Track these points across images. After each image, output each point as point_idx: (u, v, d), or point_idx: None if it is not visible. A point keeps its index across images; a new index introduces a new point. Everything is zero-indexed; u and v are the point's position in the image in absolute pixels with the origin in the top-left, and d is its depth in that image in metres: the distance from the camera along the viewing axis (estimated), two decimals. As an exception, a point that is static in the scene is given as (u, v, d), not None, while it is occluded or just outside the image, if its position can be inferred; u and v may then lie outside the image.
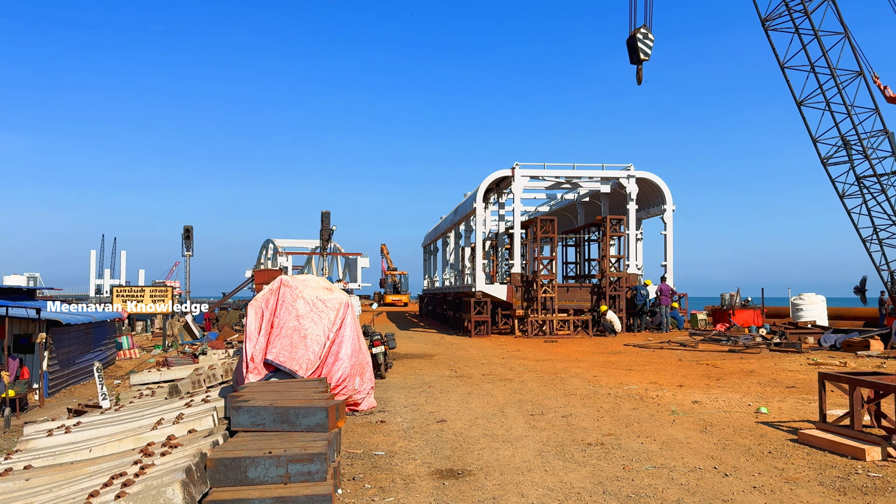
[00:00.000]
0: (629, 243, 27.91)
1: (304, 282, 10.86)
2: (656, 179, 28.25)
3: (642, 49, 22.07)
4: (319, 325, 10.58)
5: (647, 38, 22.19)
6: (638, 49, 21.98)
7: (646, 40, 22.17)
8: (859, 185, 34.84)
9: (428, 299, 45.18)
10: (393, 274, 67.66)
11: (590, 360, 17.60)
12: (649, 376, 14.28)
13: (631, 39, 22.56)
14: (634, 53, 22.22)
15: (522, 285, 27.40)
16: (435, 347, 22.45)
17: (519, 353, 20.24)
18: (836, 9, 27.81)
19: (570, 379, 14.10)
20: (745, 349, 18.79)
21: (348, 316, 10.69)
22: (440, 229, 42.11)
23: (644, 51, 22.04)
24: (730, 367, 15.31)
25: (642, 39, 22.09)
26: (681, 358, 17.39)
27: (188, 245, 42.36)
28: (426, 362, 17.92)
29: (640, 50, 22.01)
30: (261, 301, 10.67)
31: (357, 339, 10.89)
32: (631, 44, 22.66)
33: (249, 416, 7.05)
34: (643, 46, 22.05)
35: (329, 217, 37.53)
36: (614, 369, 15.61)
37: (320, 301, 10.66)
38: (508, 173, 27.65)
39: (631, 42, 22.65)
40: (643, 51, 22.06)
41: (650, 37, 22.24)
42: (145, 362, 27.34)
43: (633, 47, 22.29)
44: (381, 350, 14.89)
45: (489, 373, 15.48)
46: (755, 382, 13.02)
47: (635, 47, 22.20)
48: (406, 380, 14.62)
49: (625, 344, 21.89)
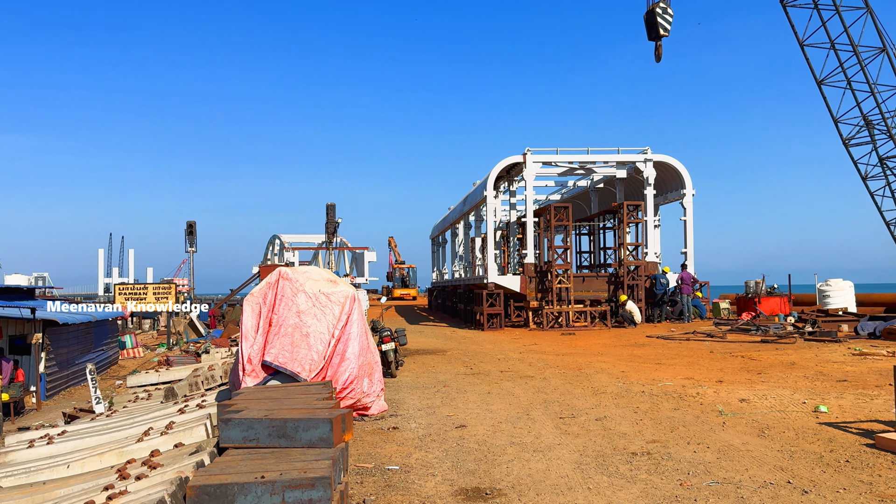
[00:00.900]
0: (647, 230, 26.74)
1: (306, 274, 9.80)
2: (675, 163, 27.04)
3: (661, 24, 20.86)
4: (323, 322, 9.52)
5: (666, 12, 20.98)
6: (657, 24, 20.79)
7: (665, 14, 20.96)
8: (882, 167, 33.46)
9: (437, 292, 44.13)
10: (401, 267, 66.67)
11: (613, 354, 16.50)
12: (682, 371, 13.17)
13: (649, 14, 21.36)
14: (653, 29, 21.03)
15: (536, 276, 26.30)
16: (447, 342, 21.40)
17: (536, 346, 19.16)
18: (858, -19, 26.57)
19: (595, 375, 13.01)
20: (777, 339, 17.65)
21: (355, 311, 9.63)
22: (449, 220, 41.01)
23: (664, 26, 20.84)
24: (768, 360, 14.18)
25: (661, 14, 20.88)
26: (712, 350, 16.27)
27: (191, 241, 41.37)
28: (439, 358, 16.87)
29: (659, 25, 20.81)
30: (257, 296, 9.62)
31: (365, 336, 9.84)
32: (649, 19, 21.46)
33: (241, 429, 6.00)
34: (662, 21, 20.84)
35: (334, 209, 36.50)
36: (642, 363, 14.51)
37: (323, 295, 9.60)
38: (520, 159, 26.50)
39: (649, 17, 21.45)
40: (662, 26, 20.86)
41: (670, 11, 21.03)
42: (149, 361, 26.51)
43: (652, 22, 21.10)
44: (392, 347, 13.83)
45: (507, 369, 14.41)
46: (801, 376, 11.90)
47: (654, 22, 21.01)
48: (419, 378, 13.57)
49: (647, 336, 20.77)
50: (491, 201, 27.32)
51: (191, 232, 41.68)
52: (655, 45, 21.69)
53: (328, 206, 36.40)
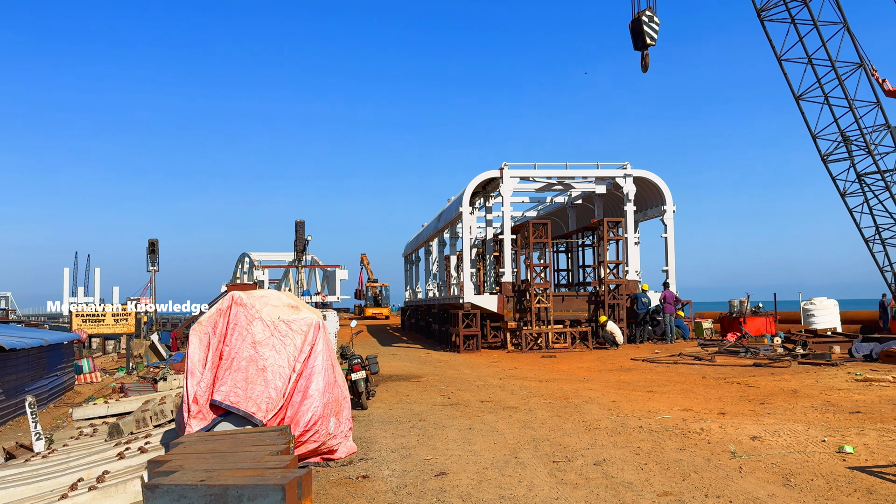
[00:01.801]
0: (627, 247, 25.92)
1: (263, 298, 8.60)
2: (655, 178, 26.32)
3: (648, 33, 20.10)
4: (283, 354, 8.33)
5: (652, 20, 20.23)
6: (643, 33, 20.02)
7: (651, 23, 20.21)
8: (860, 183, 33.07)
9: (410, 312, 42.90)
10: (373, 286, 65.30)
11: (600, 380, 15.47)
12: (678, 400, 12.16)
13: (635, 23, 20.60)
14: (639, 38, 20.25)
15: (514, 295, 25.28)
16: (422, 366, 20.22)
17: (517, 371, 18.07)
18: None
19: (585, 406, 11.94)
20: (771, 363, 16.78)
21: (319, 341, 8.45)
22: (422, 237, 39.91)
23: (650, 34, 20.08)
24: (767, 387, 13.25)
25: (647, 22, 20.13)
26: (704, 375, 15.32)
27: (153, 260, 39.73)
28: (414, 386, 15.69)
29: (645, 34, 20.04)
30: (206, 325, 8.40)
31: (332, 368, 8.65)
32: (635, 27, 20.69)
33: (171, 498, 4.82)
34: (649, 30, 20.09)
35: (304, 227, 35.24)
36: (633, 391, 13.49)
37: (283, 323, 8.42)
38: (496, 174, 25.57)
39: (635, 26, 20.69)
40: (649, 35, 20.10)
41: (656, 20, 20.28)
42: (106, 387, 25.02)
43: (638, 31, 20.33)
44: (362, 376, 12.64)
45: (488, 398, 13.29)
46: (808, 406, 10.96)
47: (640, 31, 20.24)
48: (392, 410, 12.38)
49: (632, 358, 19.81)
50: (466, 217, 26.31)
51: (153, 250, 40.05)
52: (642, 55, 20.92)
53: (297, 224, 35.14)
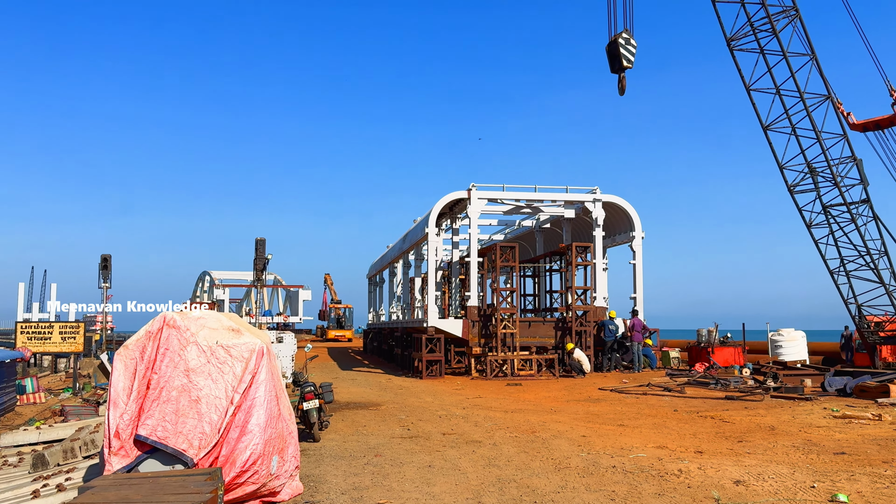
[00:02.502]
0: (595, 273, 25.39)
1: (200, 321, 7.68)
2: (624, 204, 25.93)
3: (624, 56, 19.80)
4: (220, 384, 7.41)
5: (629, 43, 19.93)
6: (620, 55, 19.71)
7: (628, 46, 19.91)
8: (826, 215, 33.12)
9: (373, 335, 41.84)
10: (337, 307, 63.98)
11: (568, 412, 14.72)
12: (651, 436, 11.46)
13: (611, 46, 20.29)
14: (616, 61, 19.94)
15: (479, 320, 24.52)
16: (382, 393, 19.28)
17: (481, 400, 17.25)
18: (803, 28, 26.16)
19: (553, 441, 11.17)
20: (743, 396, 16.23)
21: (262, 369, 7.55)
22: (387, 259, 39.03)
23: (627, 57, 19.77)
24: (742, 422, 12.63)
25: (624, 45, 19.82)
26: (675, 408, 14.68)
27: (105, 276, 38.07)
28: (372, 415, 14.75)
29: (622, 57, 19.73)
30: (133, 349, 7.45)
31: (276, 400, 7.74)
32: (611, 50, 20.38)
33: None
34: (625, 53, 19.77)
35: (264, 245, 33.97)
36: (603, 425, 12.76)
37: (222, 348, 7.51)
38: (464, 195, 24.91)
39: (611, 49, 20.37)
40: (626, 57, 19.79)
41: (633, 42, 19.98)
42: (50, 408, 23.62)
43: (615, 54, 20.01)
44: (315, 405, 11.70)
45: (451, 430, 12.43)
46: (789, 446, 10.33)
47: (617, 54, 19.93)
48: (346, 443, 11.46)
49: (600, 388, 19.13)
50: (432, 239, 25.56)
51: (105, 266, 38.41)
52: (619, 78, 20.59)
53: (257, 241, 33.85)
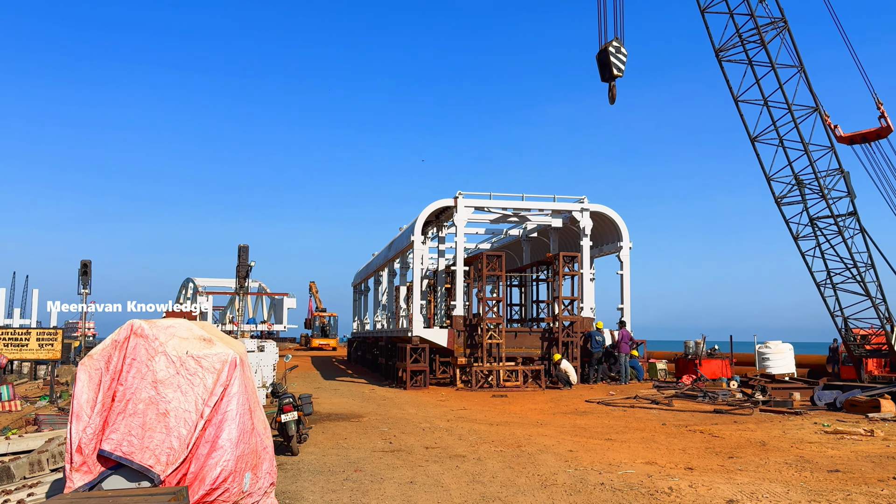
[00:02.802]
0: (583, 283, 25.14)
1: (170, 329, 7.29)
2: (612, 214, 25.74)
3: (615, 64, 19.64)
4: (190, 396, 7.02)
5: (619, 52, 19.79)
6: (610, 64, 19.56)
7: (618, 54, 19.76)
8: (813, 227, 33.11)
9: (357, 343, 41.37)
10: (322, 315, 63.42)
11: (555, 425, 14.39)
12: (640, 451, 11.15)
13: (602, 54, 20.14)
14: (606, 69, 19.79)
15: (465, 330, 24.18)
16: (365, 404, 18.87)
17: (466, 412, 16.89)
18: (791, 40, 26.15)
19: (539, 456, 10.83)
20: (731, 409, 15.97)
21: (235, 381, 7.16)
22: (372, 266, 38.65)
23: (617, 66, 19.62)
24: (732, 437, 12.36)
25: (615, 54, 19.67)
26: (664, 422, 14.38)
27: (85, 282, 37.41)
28: (353, 427, 14.35)
29: (612, 65, 19.58)
30: (98, 359, 7.05)
31: (249, 414, 7.36)
32: (602, 59, 20.24)
33: None
34: (616, 61, 19.62)
35: (247, 252, 33.47)
36: (590, 439, 12.43)
37: (193, 358, 7.12)
38: (451, 203, 24.61)
39: (602, 57, 20.23)
40: (616, 66, 19.64)
41: (623, 51, 19.84)
42: (25, 416, 23.03)
43: (605, 62, 19.86)
44: (293, 417, 11.30)
45: (434, 444, 12.07)
46: (781, 462, 10.05)
47: (607, 62, 19.77)
48: (326, 457, 11.06)
49: (587, 400, 18.82)
50: (418, 247, 25.22)
51: (85, 272, 37.77)
52: (609, 87, 20.44)
53: (240, 248, 33.34)
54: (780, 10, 23.45)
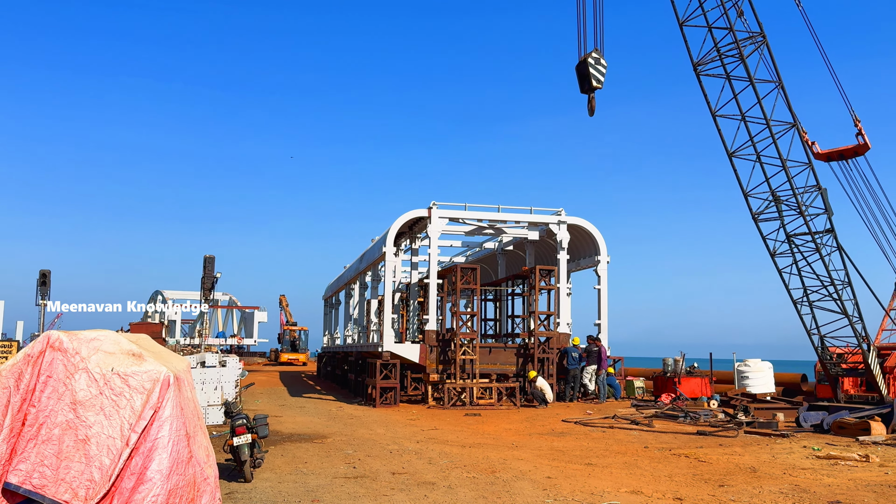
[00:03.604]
0: (559, 298, 24.40)
1: (94, 342, 6.34)
2: (589, 227, 25.10)
3: (594, 76, 19.11)
4: (115, 420, 6.07)
5: (599, 63, 19.26)
6: (590, 76, 19.01)
7: (598, 66, 19.23)
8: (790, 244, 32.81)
9: (327, 358, 40.21)
10: (292, 329, 62.04)
11: (531, 447, 13.54)
12: (623, 478, 10.34)
13: (581, 65, 19.60)
14: (585, 81, 19.24)
15: (438, 345, 23.27)
16: (330, 423, 17.85)
17: (437, 433, 15.97)
18: (770, 55, 25.82)
19: (515, 483, 9.97)
20: (715, 431, 15.26)
21: (167, 403, 6.22)
22: (343, 279, 37.62)
23: (596, 77, 19.08)
24: (720, 462, 11.60)
25: (594, 65, 19.14)
26: (646, 445, 13.60)
27: (44, 293, 35.98)
28: (317, 449, 13.36)
29: (591, 77, 19.04)
30: (7, 376, 6.07)
31: (185, 441, 6.41)
32: (581, 70, 19.69)
33: None
34: (595, 73, 19.09)
35: (213, 263, 32.40)
36: (569, 464, 11.60)
37: (119, 377, 6.18)
38: (424, 213, 23.78)
39: (581, 68, 19.68)
40: (595, 77, 19.10)
41: (603, 62, 19.33)
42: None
43: (584, 74, 19.32)
44: (247, 440, 10.31)
45: (402, 469, 11.14)
46: (776, 492, 9.30)
47: (586, 74, 19.23)
48: (282, 484, 10.09)
49: (563, 420, 18.01)
50: (391, 259, 24.33)
51: (44, 282, 36.35)
52: (588, 98, 19.90)
53: (206, 259, 32.26)
54: (759, 24, 23.11)
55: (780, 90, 30.52)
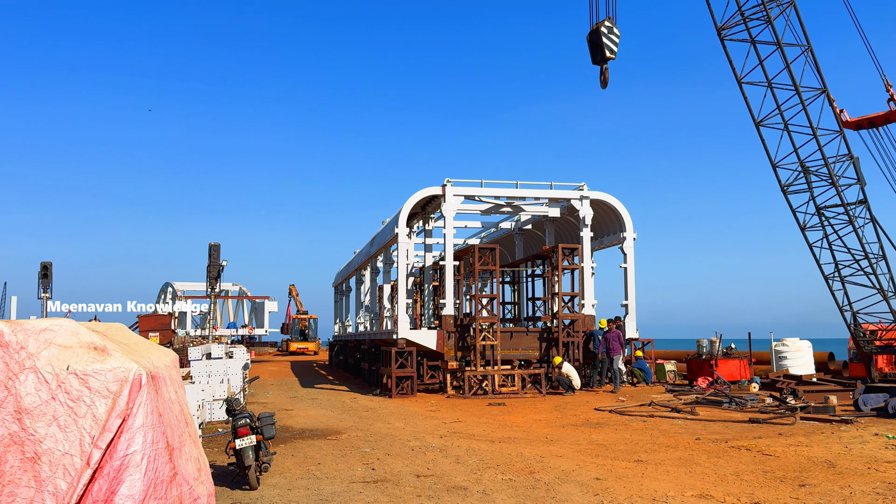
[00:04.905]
0: (584, 278, 22.99)
1: (45, 334, 5.00)
2: (614, 202, 23.63)
3: (607, 45, 17.68)
4: (72, 433, 4.75)
5: (612, 32, 17.82)
6: (602, 45, 17.59)
7: (611, 35, 17.79)
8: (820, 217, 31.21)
9: (339, 347, 38.99)
10: (302, 318, 60.96)
11: (568, 442, 12.20)
12: (684, 478, 8.98)
13: (593, 34, 18.14)
14: (598, 51, 17.82)
15: (456, 331, 21.94)
16: (344, 417, 16.58)
17: (461, 425, 14.66)
18: (798, 18, 24.17)
19: (560, 487, 8.64)
20: (769, 418, 13.87)
21: (140, 409, 4.89)
22: (354, 265, 36.30)
23: (609, 47, 17.66)
24: (788, 457, 10.22)
25: (607, 34, 17.71)
26: (697, 437, 12.23)
27: (45, 285, 34.82)
28: (330, 448, 12.08)
29: (604, 46, 17.62)
30: (-69, 379, 4.75)
31: (165, 456, 5.08)
32: (593, 39, 18.24)
33: None
34: (608, 42, 17.66)
35: (218, 250, 31.05)
36: (616, 461, 10.25)
37: (77, 377, 4.85)
38: (438, 191, 22.38)
39: (593, 37, 18.22)
40: (608, 47, 17.67)
41: (616, 31, 17.88)
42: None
43: (597, 43, 17.89)
44: (251, 442, 9.02)
45: (427, 471, 9.83)
46: (869, 492, 7.92)
47: (599, 43, 17.80)
48: (291, 491, 8.80)
49: (596, 408, 16.66)
50: (403, 240, 22.95)
51: (45, 275, 35.20)
52: (601, 70, 18.45)
53: (211, 246, 30.92)
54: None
55: (809, 54, 28.69)
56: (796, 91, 27.48)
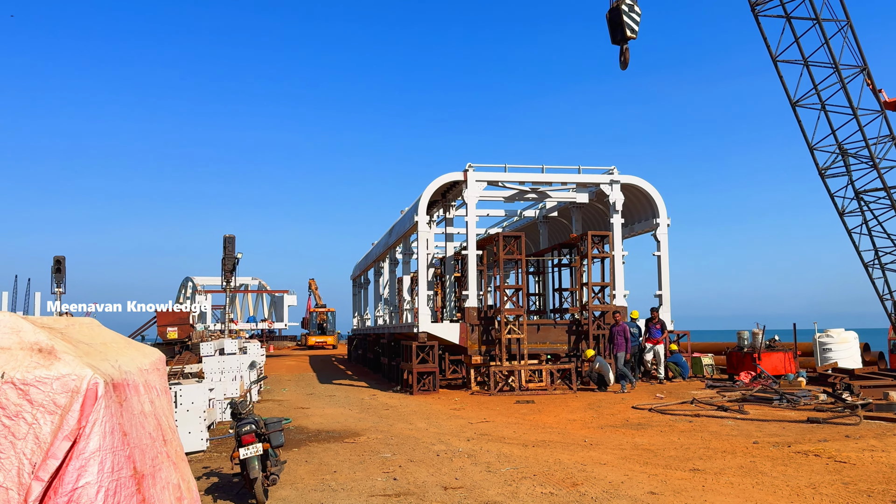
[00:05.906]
0: (614, 267, 21.74)
1: (-24, 333, 3.94)
2: (646, 186, 22.33)
3: (628, 24, 16.39)
4: (8, 460, 3.67)
5: (633, 10, 16.52)
6: (623, 24, 16.30)
7: (632, 13, 16.49)
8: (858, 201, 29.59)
9: (358, 341, 38.02)
10: (321, 312, 60.23)
11: (609, 446, 11.03)
12: (750, 492, 7.79)
13: (613, 13, 16.82)
14: (618, 30, 16.53)
15: (479, 324, 20.81)
16: (363, 416, 15.53)
17: (488, 425, 13.54)
18: (838, -12, 22.72)
19: (609, 503, 7.49)
20: (829, 418, 12.60)
21: (96, 427, 3.81)
22: (372, 256, 35.26)
23: (630, 26, 16.38)
24: (866, 464, 8.99)
25: (627, 12, 16.40)
26: (755, 440, 11.00)
27: (59, 280, 34.19)
28: (347, 452, 11.02)
29: (625, 25, 16.33)
30: None
31: (130, 485, 4.00)
32: (613, 18, 16.91)
33: None
34: (629, 21, 16.37)
35: (233, 242, 30.22)
36: (669, 471, 9.06)
37: (15, 388, 3.77)
38: (460, 177, 21.21)
39: (613, 16, 16.90)
40: (629, 26, 16.39)
41: (637, 9, 16.58)
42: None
43: (617, 22, 16.59)
44: (257, 451, 7.96)
45: (455, 482, 8.73)
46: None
47: (619, 22, 16.50)
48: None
49: (634, 407, 15.46)
50: (423, 229, 21.82)
51: (58, 269, 34.59)
52: (621, 50, 17.13)
53: (225, 239, 30.09)
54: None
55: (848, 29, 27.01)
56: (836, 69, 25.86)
